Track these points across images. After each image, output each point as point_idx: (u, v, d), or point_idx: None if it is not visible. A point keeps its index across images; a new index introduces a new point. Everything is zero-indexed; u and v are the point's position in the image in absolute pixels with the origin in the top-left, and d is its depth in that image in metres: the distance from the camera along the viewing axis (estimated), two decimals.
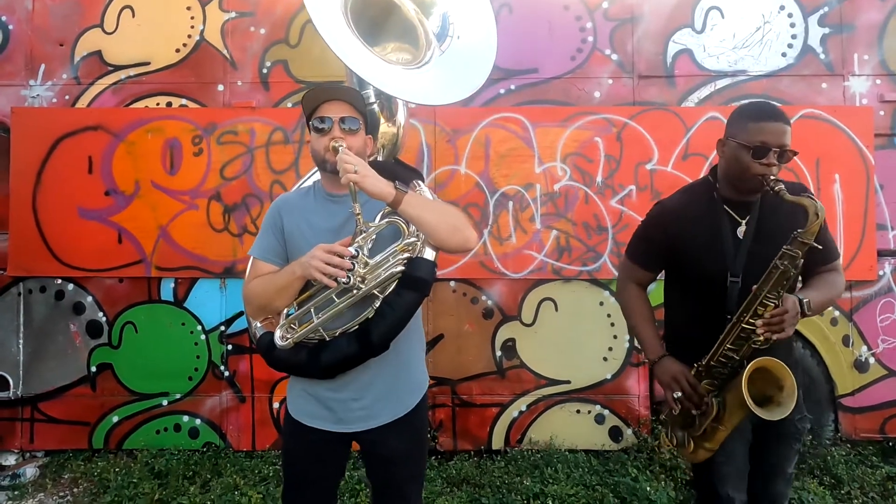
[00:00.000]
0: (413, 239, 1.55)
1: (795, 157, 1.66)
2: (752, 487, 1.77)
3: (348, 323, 1.53)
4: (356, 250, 1.48)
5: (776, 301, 1.53)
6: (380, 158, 2.02)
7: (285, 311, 1.58)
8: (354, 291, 1.49)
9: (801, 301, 1.57)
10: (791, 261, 1.52)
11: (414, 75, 1.94)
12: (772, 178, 1.57)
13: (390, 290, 1.54)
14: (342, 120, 1.58)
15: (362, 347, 1.52)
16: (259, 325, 1.67)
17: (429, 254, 1.56)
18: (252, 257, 1.66)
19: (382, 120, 2.05)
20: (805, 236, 1.51)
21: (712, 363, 1.62)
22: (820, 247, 1.55)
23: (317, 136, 1.59)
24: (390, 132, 2.10)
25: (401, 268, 1.53)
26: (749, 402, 1.50)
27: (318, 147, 1.59)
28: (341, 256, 1.46)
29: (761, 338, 1.53)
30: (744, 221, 1.67)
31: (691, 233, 1.70)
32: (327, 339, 1.53)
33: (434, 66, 1.97)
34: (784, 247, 1.53)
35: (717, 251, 1.66)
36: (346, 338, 1.52)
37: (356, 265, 1.47)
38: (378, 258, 1.53)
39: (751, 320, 1.55)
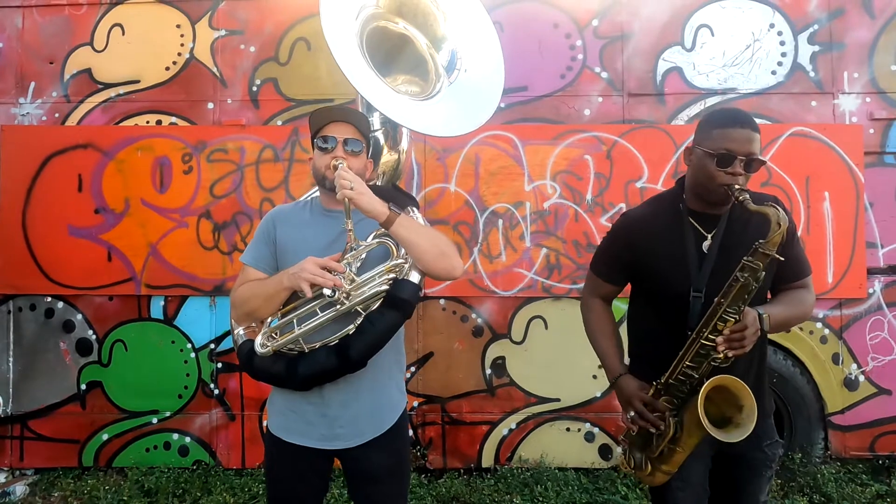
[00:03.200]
0: (401, 261, 1.59)
1: (785, 175, 1.64)
2: None
3: (329, 337, 1.55)
4: (345, 266, 1.53)
5: (736, 316, 1.46)
6: (379, 184, 2.04)
7: (269, 320, 1.60)
8: (338, 306, 1.52)
9: (759, 316, 1.51)
10: (752, 273, 1.44)
11: (421, 107, 1.98)
12: (737, 187, 1.49)
13: (373, 308, 1.57)
14: (346, 141, 1.62)
15: (340, 362, 1.54)
16: (242, 332, 1.69)
17: (414, 277, 1.60)
18: (243, 263, 1.70)
19: (386, 148, 2.08)
20: (766, 247, 1.43)
21: (671, 381, 1.55)
22: (782, 258, 1.47)
23: (319, 153, 1.64)
24: (392, 159, 2.13)
25: (385, 287, 1.57)
26: (705, 422, 1.43)
27: (320, 164, 1.63)
28: (330, 270, 1.50)
29: (721, 355, 1.47)
30: (710, 236, 1.61)
31: (655, 246, 1.65)
32: (307, 350, 1.55)
33: (441, 99, 2.01)
34: (745, 258, 1.45)
35: (681, 266, 1.60)
36: (325, 351, 1.55)
37: (343, 280, 1.51)
38: (364, 276, 1.57)
39: (710, 336, 1.48)
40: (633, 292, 1.81)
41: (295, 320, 1.56)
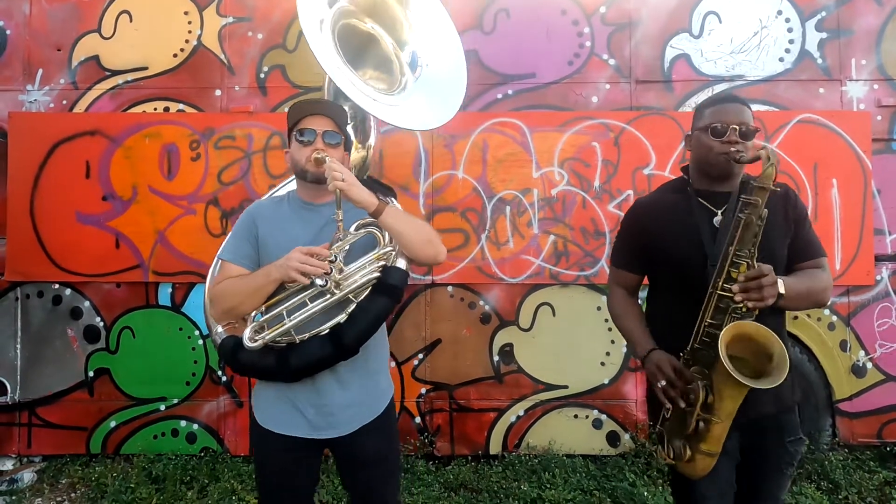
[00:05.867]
0: (389, 249, 1.64)
1: (793, 162, 1.65)
2: None
3: (319, 327, 1.56)
4: (333, 256, 1.55)
5: (748, 260, 1.45)
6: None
7: (253, 314, 1.59)
8: (328, 296, 1.55)
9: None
10: (753, 209, 1.44)
11: (389, 100, 2.03)
12: (733, 149, 1.54)
13: (363, 295, 1.60)
14: (325, 133, 1.64)
15: (335, 349, 1.56)
16: (221, 330, 1.68)
17: (401, 263, 1.65)
18: (221, 260, 1.68)
19: (355, 144, 2.11)
20: (761, 180, 1.43)
21: (696, 345, 1.52)
22: (778, 189, 1.48)
23: (299, 146, 1.65)
24: (359, 157, 2.17)
25: (377, 275, 1.61)
26: (727, 364, 1.34)
27: (300, 157, 1.65)
28: (320, 259, 1.52)
29: (741, 304, 1.44)
30: (720, 212, 1.63)
31: (667, 225, 1.67)
32: (297, 342, 1.55)
33: (407, 95, 2.06)
34: (742, 196, 1.47)
35: (694, 240, 1.61)
36: (318, 340, 1.55)
37: (332, 269, 1.53)
38: (355, 265, 1.60)
39: (726, 286, 1.46)
40: (651, 282, 1.80)
41: (284, 312, 1.55)
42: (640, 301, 1.86)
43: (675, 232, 1.65)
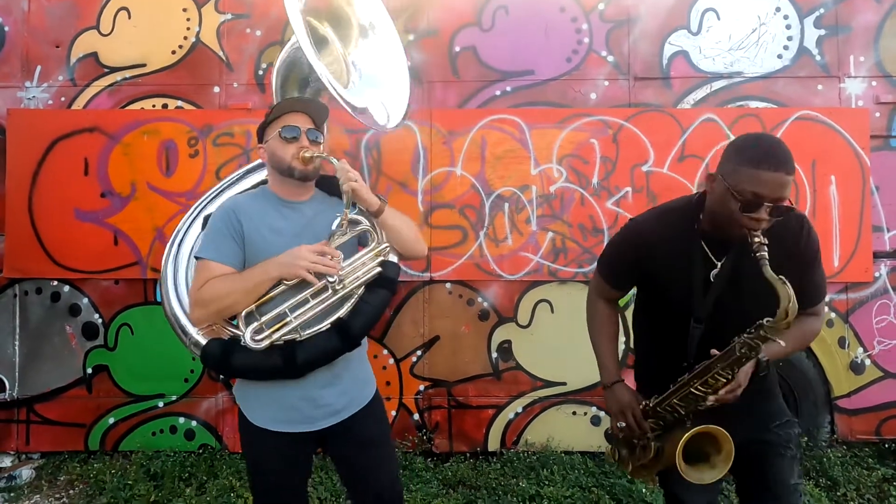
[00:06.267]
0: (385, 245, 1.71)
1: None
2: None
3: (320, 322, 1.58)
4: (340, 254, 1.60)
5: (729, 376, 1.48)
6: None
7: (244, 313, 1.54)
8: (330, 292, 1.57)
9: (759, 361, 1.51)
10: (750, 350, 1.43)
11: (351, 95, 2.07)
12: (757, 239, 1.38)
13: (362, 289, 1.64)
14: (307, 131, 1.66)
15: (343, 341, 1.59)
16: (199, 337, 1.64)
17: (394, 258, 1.73)
18: (203, 260, 1.59)
19: None
20: (771, 332, 1.39)
21: (658, 409, 1.61)
22: (783, 343, 1.45)
23: (283, 143, 1.65)
24: None
25: (379, 269, 1.66)
26: (681, 465, 1.51)
27: (285, 154, 1.64)
28: (330, 257, 1.55)
29: (709, 403, 1.51)
30: (719, 263, 1.54)
31: (662, 265, 1.60)
32: (300, 338, 1.55)
33: (358, 93, 2.09)
34: (745, 335, 1.43)
35: (685, 292, 1.56)
36: (322, 335, 1.57)
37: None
38: (355, 261, 1.65)
39: (700, 387, 1.51)
40: (638, 303, 1.80)
41: (288, 310, 1.55)
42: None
43: (669, 275, 1.59)
